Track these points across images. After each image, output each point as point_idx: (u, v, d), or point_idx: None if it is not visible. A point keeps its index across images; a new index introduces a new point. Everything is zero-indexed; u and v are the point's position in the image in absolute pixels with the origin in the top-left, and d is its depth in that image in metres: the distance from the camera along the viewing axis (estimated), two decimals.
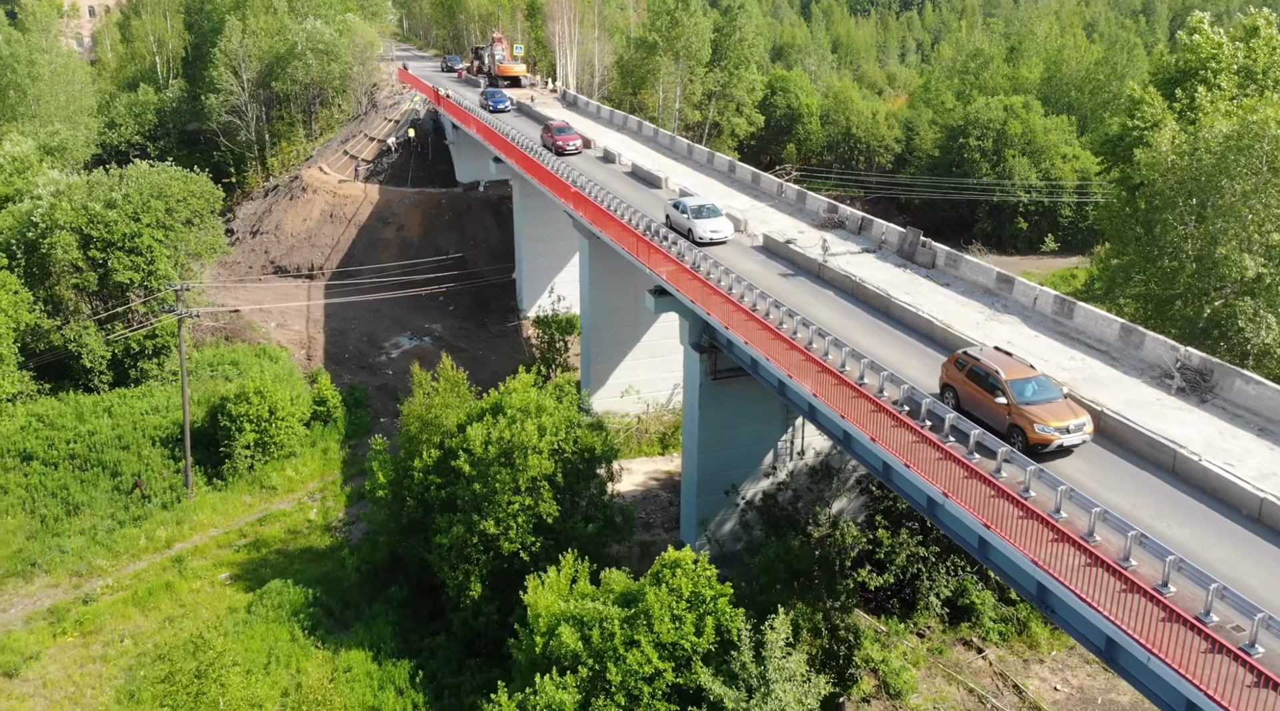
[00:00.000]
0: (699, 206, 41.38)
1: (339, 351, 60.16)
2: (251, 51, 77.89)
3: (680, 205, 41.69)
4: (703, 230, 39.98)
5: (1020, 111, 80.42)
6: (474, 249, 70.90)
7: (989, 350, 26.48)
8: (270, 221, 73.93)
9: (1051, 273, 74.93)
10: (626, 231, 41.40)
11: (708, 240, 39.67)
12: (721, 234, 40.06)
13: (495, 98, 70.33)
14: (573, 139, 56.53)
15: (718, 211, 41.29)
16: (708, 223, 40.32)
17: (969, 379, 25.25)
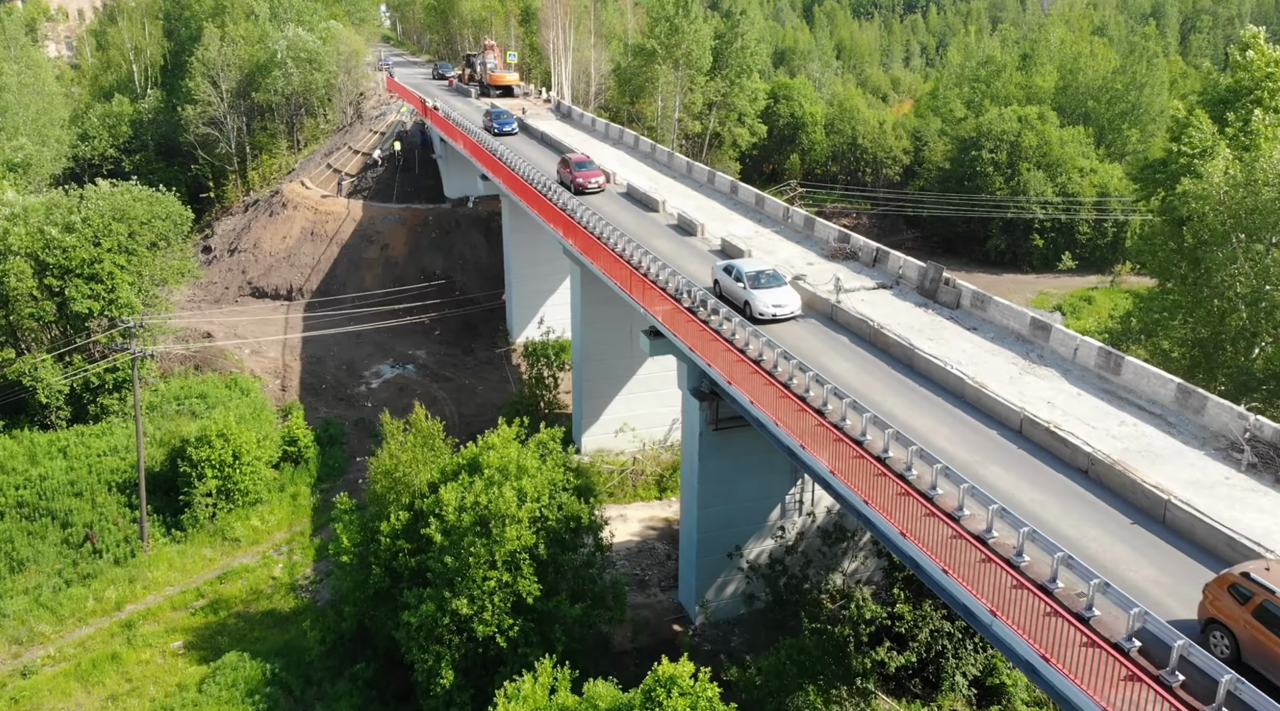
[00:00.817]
0: (757, 273, 33.50)
1: (316, 381, 56.58)
2: (230, 60, 74.35)
3: (733, 270, 33.97)
4: (764, 304, 32.30)
5: (1035, 122, 76.84)
6: (462, 269, 67.33)
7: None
8: (249, 239, 70.41)
9: (1069, 293, 71.40)
10: (618, 264, 37.84)
11: (770, 316, 32.18)
12: (788, 309, 32.48)
13: (500, 119, 64.24)
14: (594, 175, 49.61)
15: (780, 279, 33.59)
16: (769, 295, 32.68)
17: (1263, 623, 16.06)
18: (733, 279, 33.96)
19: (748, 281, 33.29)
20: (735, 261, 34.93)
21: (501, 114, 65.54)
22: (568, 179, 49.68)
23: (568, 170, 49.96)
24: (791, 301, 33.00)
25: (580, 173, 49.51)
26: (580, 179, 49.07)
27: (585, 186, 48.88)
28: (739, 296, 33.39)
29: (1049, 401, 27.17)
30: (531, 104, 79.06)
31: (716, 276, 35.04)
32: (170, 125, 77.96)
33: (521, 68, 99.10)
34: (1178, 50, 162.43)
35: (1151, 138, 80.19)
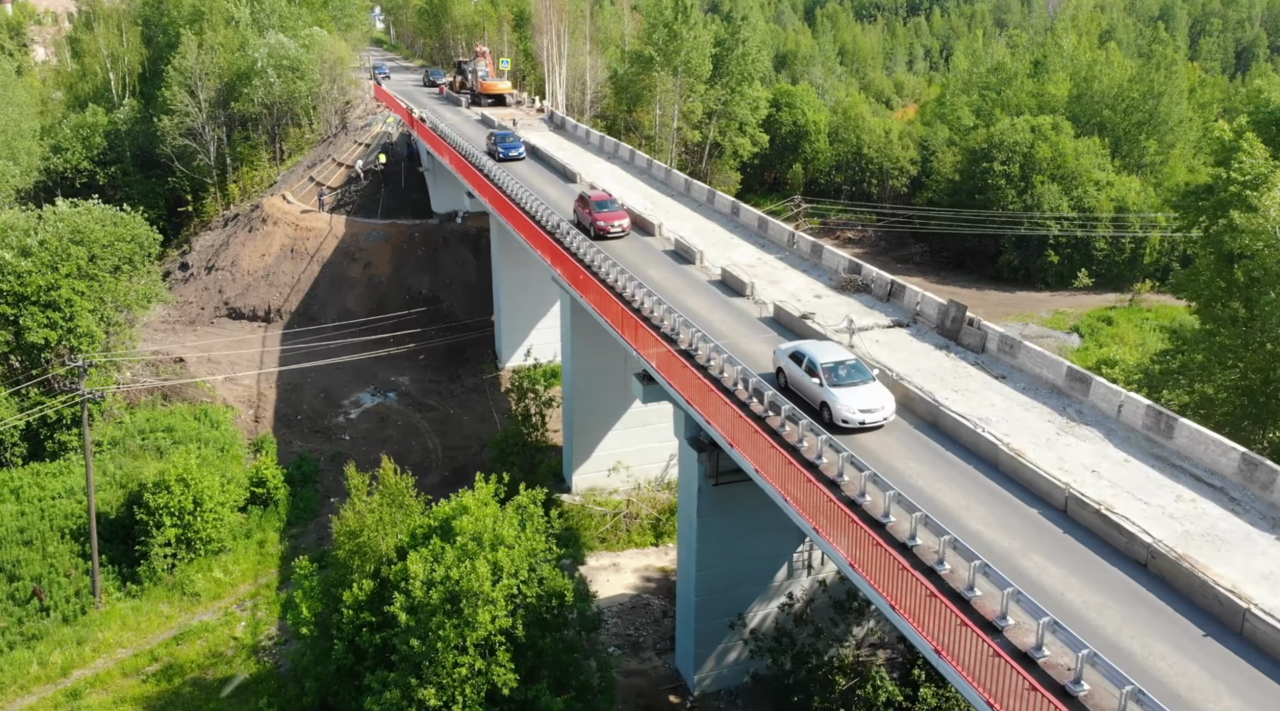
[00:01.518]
0: (835, 365, 26.46)
1: (291, 411, 53.36)
2: (209, 69, 71.11)
3: (804, 358, 27.07)
4: (848, 408, 25.36)
5: (1049, 133, 73.62)
6: (449, 289, 64.11)
7: None
8: (227, 256, 67.19)
9: (1086, 312, 68.19)
10: (609, 299, 34.61)
11: (857, 424, 25.33)
12: (878, 414, 25.53)
13: (506, 142, 57.58)
14: (617, 217, 42.62)
15: (866, 373, 26.48)
16: (855, 395, 25.59)
17: None
18: (803, 370, 26.95)
19: (824, 375, 26.22)
20: (805, 346, 27.89)
21: (507, 137, 58.90)
22: (586, 220, 43.05)
23: (586, 210, 43.28)
24: (883, 403, 25.75)
25: (601, 214, 42.62)
26: (601, 222, 42.33)
27: (607, 230, 42.21)
28: (812, 394, 26.54)
29: (1093, 470, 23.96)
30: (524, 114, 75.86)
31: (780, 364, 28.21)
32: (147, 136, 74.72)
33: (515, 75, 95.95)
34: (1187, 54, 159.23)
35: (1170, 148, 77.00)
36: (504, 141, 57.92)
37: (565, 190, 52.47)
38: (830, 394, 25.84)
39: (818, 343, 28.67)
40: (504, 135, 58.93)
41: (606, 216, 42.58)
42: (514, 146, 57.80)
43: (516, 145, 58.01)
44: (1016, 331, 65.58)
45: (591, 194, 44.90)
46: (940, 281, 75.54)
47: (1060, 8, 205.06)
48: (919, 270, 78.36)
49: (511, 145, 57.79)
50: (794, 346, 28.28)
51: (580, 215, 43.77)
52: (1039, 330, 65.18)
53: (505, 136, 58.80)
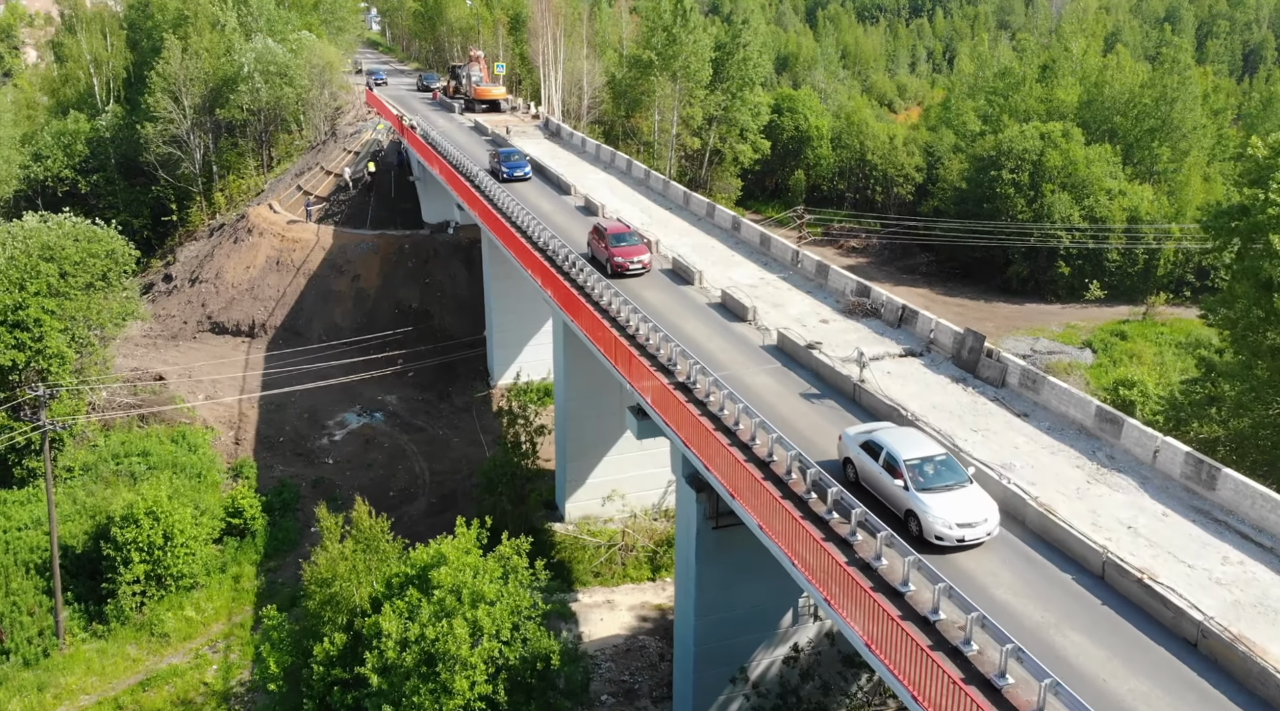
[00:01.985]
0: (922, 461, 21.38)
1: (273, 433, 51.20)
2: (193, 74, 68.96)
3: (880, 450, 21.98)
4: (941, 520, 20.33)
5: (1059, 140, 71.44)
6: (440, 302, 61.95)
7: None
8: (211, 268, 65.05)
9: (1099, 326, 65.96)
10: (601, 325, 32.45)
11: (954, 541, 20.30)
12: (981, 528, 20.45)
13: (511, 161, 53.18)
14: (637, 252, 38.06)
15: (960, 472, 21.41)
16: (950, 503, 20.52)
17: None
18: (880, 465, 21.77)
19: (909, 475, 20.99)
20: (883, 437, 22.34)
21: (512, 154, 54.08)
22: (602, 255, 38.49)
23: (601, 243, 38.59)
24: (986, 513, 20.55)
25: (618, 249, 37.91)
26: (619, 257, 37.63)
27: (625, 267, 37.52)
28: (894, 499, 21.37)
29: (1130, 526, 21.82)
30: (519, 120, 73.76)
31: (849, 453, 23.00)
32: (131, 143, 72.54)
33: (510, 80, 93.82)
34: (1194, 56, 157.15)
35: (1184, 156, 74.82)
36: (508, 159, 53.44)
37: (559, 203, 50.37)
38: (919, 501, 20.58)
39: (898, 431, 23.10)
40: (509, 153, 54.47)
41: (625, 252, 37.93)
42: (519, 165, 53.20)
43: (522, 164, 53.37)
44: (1027, 346, 63.50)
45: (608, 225, 39.87)
46: (947, 293, 73.42)
47: (1064, 9, 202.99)
48: (925, 281, 76.21)
49: (517, 164, 53.21)
50: (867, 434, 23.01)
51: (595, 248, 39.41)
52: (1050, 345, 63.02)
53: (510, 154, 54.26)
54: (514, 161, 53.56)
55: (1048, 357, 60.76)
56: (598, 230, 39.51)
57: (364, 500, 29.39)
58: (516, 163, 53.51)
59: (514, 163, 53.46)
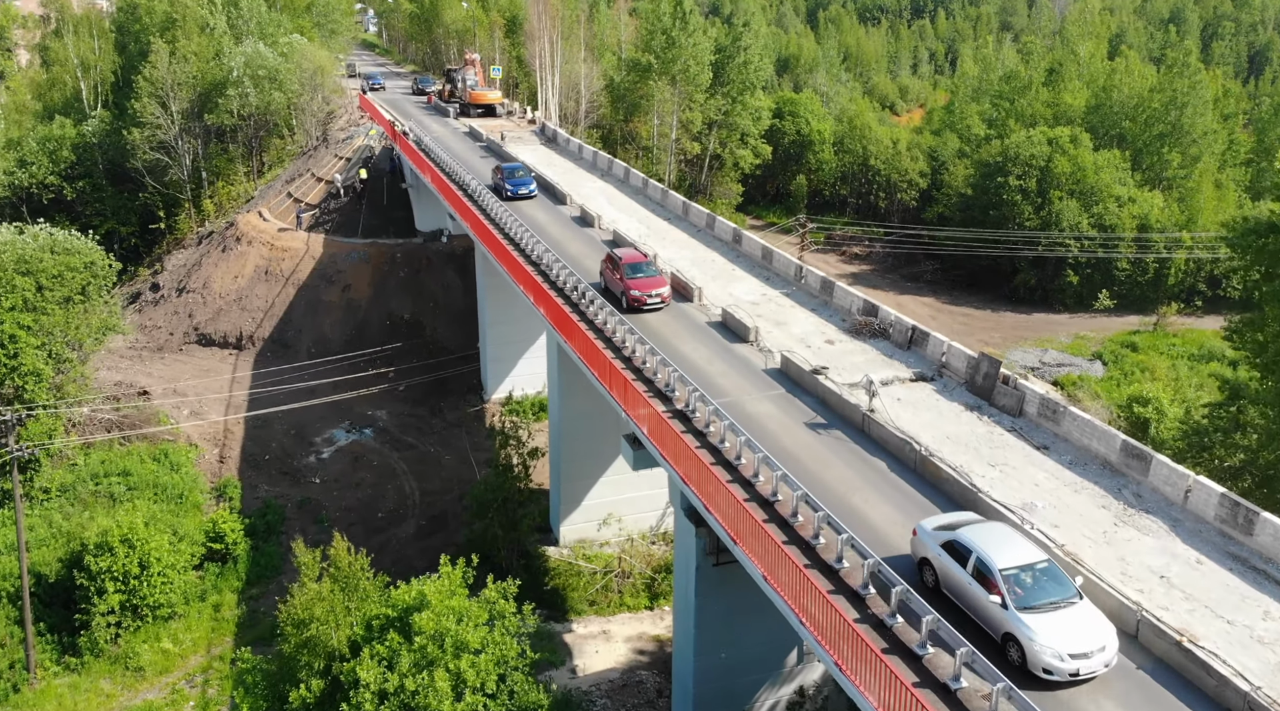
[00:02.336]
0: (1020, 571, 17.85)
1: (259, 450, 49.59)
2: (181, 79, 67.33)
3: (969, 554, 18.34)
4: (1052, 649, 16.72)
5: (1067, 146, 69.84)
6: (433, 313, 60.36)
7: None
8: (198, 277, 63.47)
9: (1108, 337, 64.38)
10: (595, 350, 30.82)
11: (1069, 675, 16.67)
12: (1098, 659, 16.82)
13: (515, 177, 50.30)
14: (656, 285, 34.68)
15: (1068, 585, 17.91)
16: (1059, 626, 17.00)
17: None
18: (968, 574, 18.21)
19: (1007, 589, 17.42)
20: (970, 537, 18.59)
21: (516, 170, 51.02)
22: (616, 286, 35.17)
23: (616, 274, 35.23)
24: (1102, 638, 17.02)
25: (635, 281, 34.52)
26: (636, 291, 34.35)
27: (643, 302, 34.29)
28: (991, 618, 17.74)
29: (1162, 575, 20.23)
30: (514, 125, 72.18)
31: (927, 554, 19.30)
32: (119, 149, 70.89)
33: (507, 83, 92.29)
34: (1200, 58, 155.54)
35: (1195, 162, 73.19)
36: (512, 176, 50.36)
37: (554, 214, 48.80)
38: (1021, 624, 16.94)
39: (988, 529, 19.13)
40: (513, 168, 51.30)
41: (642, 284, 34.55)
42: (524, 182, 50.20)
43: (527, 181, 50.41)
44: (1035, 358, 61.91)
45: (622, 254, 36.07)
46: (952, 302, 71.86)
47: (1067, 10, 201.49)
48: (929, 289, 74.63)
49: (521, 181, 50.20)
50: (949, 531, 19.14)
51: (608, 278, 36.13)
52: (1059, 356, 61.41)
53: (514, 170, 51.10)
54: (518, 178, 50.48)
55: (1056, 370, 59.19)
56: (611, 259, 36.14)
57: (343, 536, 27.68)
58: (521, 179, 50.47)
59: (518, 179, 50.39)
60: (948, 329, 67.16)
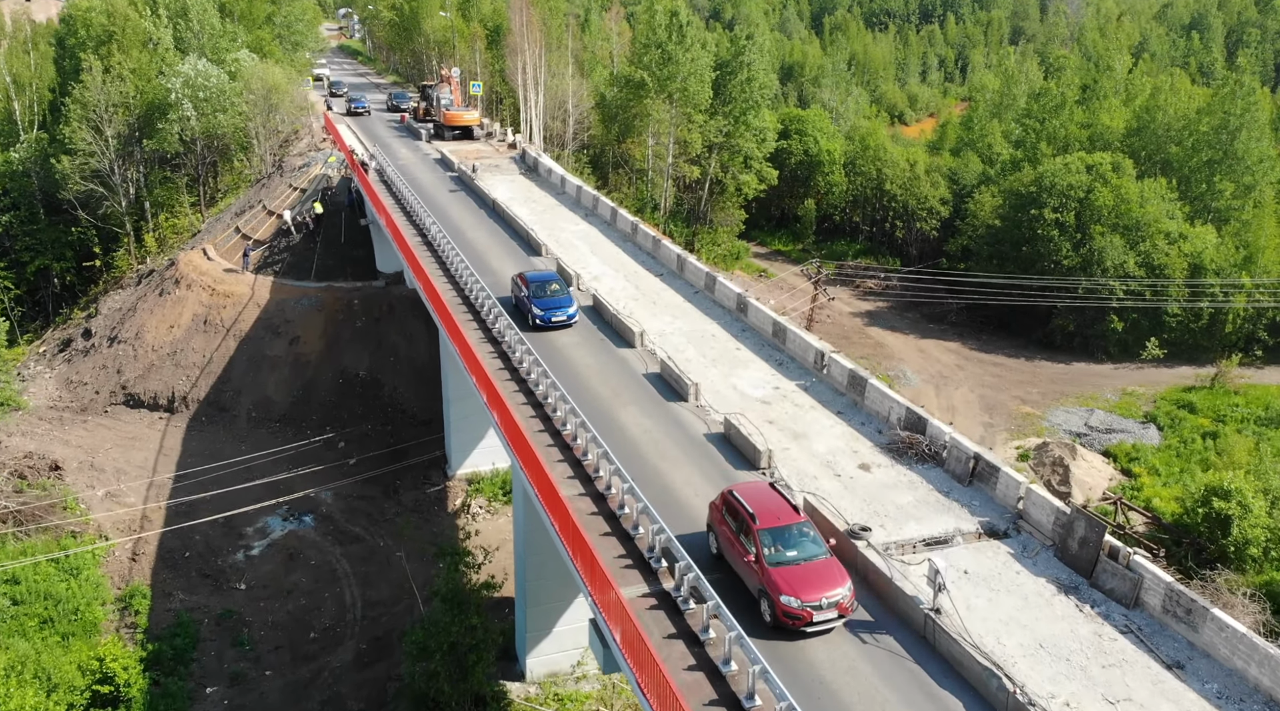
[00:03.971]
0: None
1: (179, 545, 42.14)
2: (117, 100, 59.88)
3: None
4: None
5: (1109, 174, 62.38)
6: (393, 369, 52.93)
7: None
8: (132, 325, 56.07)
9: (1160, 394, 56.90)
10: (555, 493, 23.31)
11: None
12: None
13: (546, 295, 34.27)
14: None
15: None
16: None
17: None
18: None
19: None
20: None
21: (549, 283, 34.72)
22: None
23: None
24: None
25: None
26: None
27: None
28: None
29: None
30: (493, 150, 64.82)
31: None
32: (53, 177, 63.50)
33: (490, 99, 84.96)
34: (1225, 68, 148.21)
35: (1249, 192, 65.74)
36: (542, 293, 33.99)
37: (529, 266, 41.40)
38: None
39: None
40: (543, 280, 34.70)
41: None
42: (561, 304, 33.72)
43: (566, 302, 33.84)
44: (1080, 420, 54.45)
45: None
46: (981, 348, 64.38)
47: (1080, 14, 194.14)
48: (954, 332, 67.15)
49: (557, 303, 33.69)
50: None
51: None
52: (1106, 418, 53.97)
53: (546, 282, 34.49)
54: (552, 296, 33.83)
55: (1106, 437, 51.74)
56: None
57: None
58: (556, 300, 33.69)
59: (552, 299, 33.69)
60: (977, 380, 59.74)
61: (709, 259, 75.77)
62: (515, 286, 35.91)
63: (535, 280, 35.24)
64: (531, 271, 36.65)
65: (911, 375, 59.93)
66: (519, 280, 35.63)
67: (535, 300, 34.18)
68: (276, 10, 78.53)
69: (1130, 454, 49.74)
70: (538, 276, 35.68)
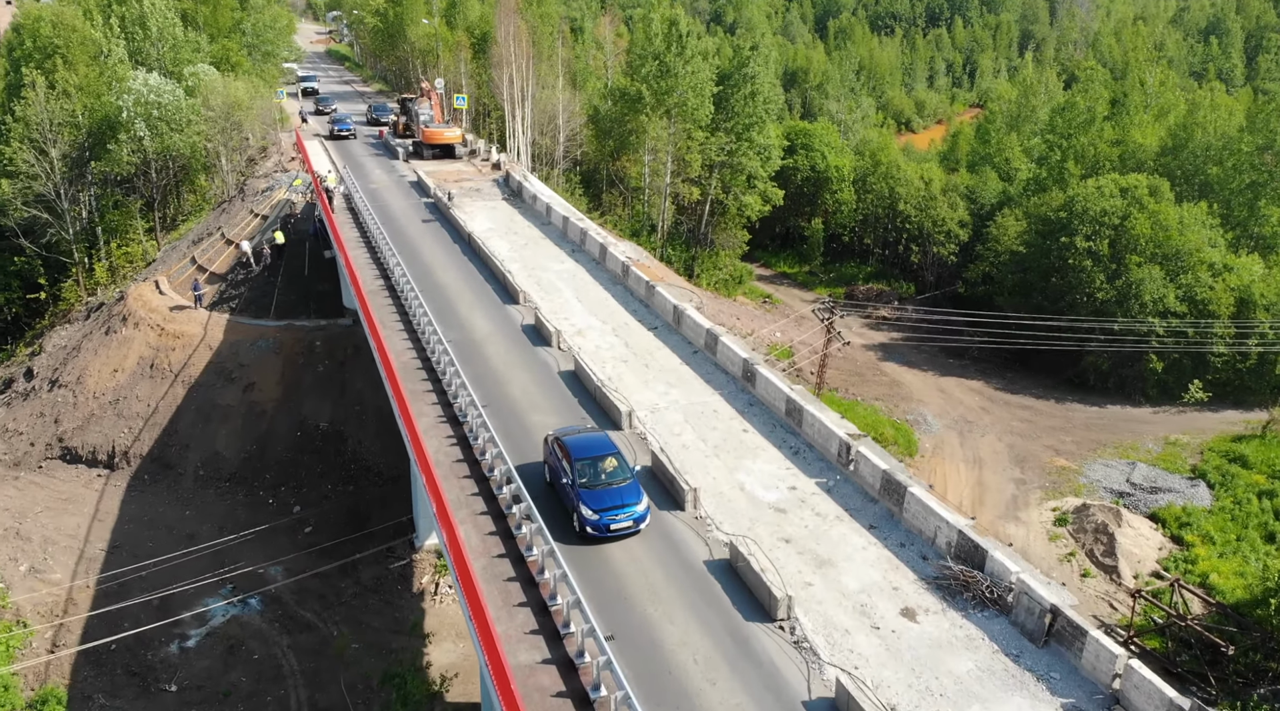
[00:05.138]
0: None
1: (106, 634, 36.85)
2: (62, 118, 54.66)
3: None
4: None
5: (1145, 198, 57.13)
6: (358, 419, 47.68)
7: None
8: (74, 367, 50.82)
9: (1207, 443, 51.62)
10: (500, 661, 18.05)
11: None
12: None
13: (600, 492, 22.52)
14: None
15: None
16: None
17: None
18: None
19: None
20: None
21: (599, 457, 23.22)
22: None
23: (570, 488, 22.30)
24: None
25: None
26: None
27: None
28: None
29: None
30: (476, 170, 59.61)
31: None
32: None
33: (478, 111, 79.75)
34: (1244, 73, 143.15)
35: None
36: (594, 477, 22.85)
37: (500, 318, 36.29)
38: None
39: None
40: (595, 451, 23.43)
41: None
42: (626, 499, 22.52)
43: (631, 497, 22.56)
44: (1121, 475, 49.13)
45: None
46: (1006, 388, 59.09)
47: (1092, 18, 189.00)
48: (976, 369, 61.85)
49: (619, 498, 22.52)
50: None
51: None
52: (1150, 473, 48.67)
53: (598, 456, 23.28)
54: (609, 485, 22.72)
55: (1151, 498, 46.44)
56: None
57: None
58: (616, 491, 22.59)
59: (610, 493, 22.54)
60: (1004, 426, 54.44)
61: (709, 284, 70.55)
62: (550, 452, 24.44)
63: (582, 452, 23.26)
64: (575, 434, 24.30)
65: (932, 420, 54.65)
66: (557, 447, 24.02)
67: (584, 493, 22.31)
68: (245, 17, 73.19)
69: (1180, 518, 44.50)
70: (585, 445, 23.57)
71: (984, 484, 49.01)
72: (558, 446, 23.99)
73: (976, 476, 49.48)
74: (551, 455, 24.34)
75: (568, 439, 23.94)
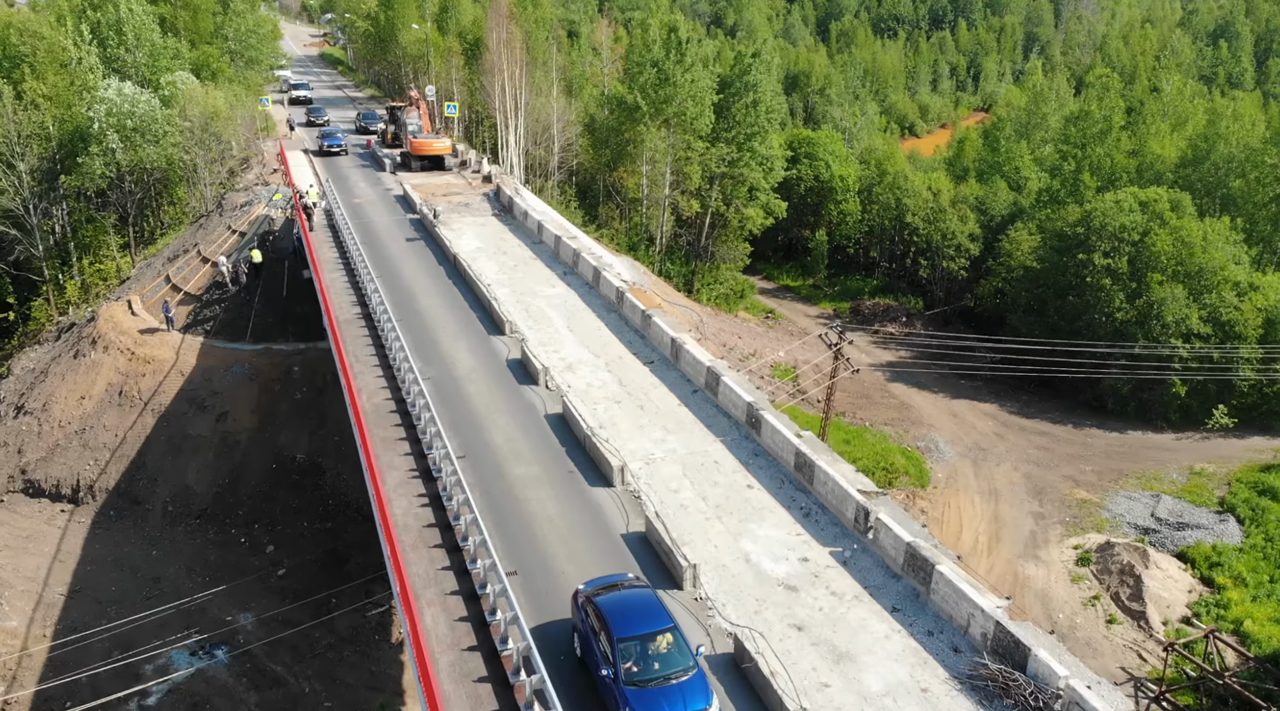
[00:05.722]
0: None
1: (61, 692, 34.24)
2: (31, 130, 52.08)
3: None
4: None
5: (1166, 213, 54.53)
6: (337, 451, 45.03)
7: None
8: (40, 393, 48.20)
9: (1233, 473, 49.08)
10: None
11: None
12: None
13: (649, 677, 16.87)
14: None
15: None
16: None
17: None
18: None
19: None
20: None
21: (649, 635, 17.31)
22: None
23: None
24: None
25: None
26: None
27: None
28: None
29: None
30: (466, 183, 57.02)
31: None
32: None
33: (468, 122, 77.15)
34: (1255, 77, 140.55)
35: None
36: (641, 661, 17.06)
37: (487, 350, 33.65)
38: None
39: None
40: (645, 626, 17.49)
41: None
42: (684, 689, 16.80)
43: (694, 686, 16.91)
44: (1145, 508, 46.50)
45: None
46: (1021, 411, 56.45)
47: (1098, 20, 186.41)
48: (989, 390, 59.19)
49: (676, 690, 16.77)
50: None
51: None
52: (1175, 507, 46.08)
53: (648, 633, 17.39)
54: (662, 672, 17.03)
55: (1178, 535, 43.86)
56: None
57: None
58: (667, 675, 17.01)
59: (661, 678, 16.98)
60: (1020, 454, 51.80)
61: (709, 299, 67.95)
62: (581, 616, 18.45)
63: (626, 627, 17.44)
64: (613, 594, 18.49)
65: (945, 447, 52.05)
66: (590, 613, 18.11)
67: (631, 693, 16.66)
68: (227, 22, 70.57)
69: (1210, 557, 41.93)
70: (629, 615, 17.74)
71: (1000, 518, 46.38)
72: (591, 611, 17.93)
73: (993, 510, 46.85)
74: (583, 622, 18.14)
75: (604, 602, 17.88)
